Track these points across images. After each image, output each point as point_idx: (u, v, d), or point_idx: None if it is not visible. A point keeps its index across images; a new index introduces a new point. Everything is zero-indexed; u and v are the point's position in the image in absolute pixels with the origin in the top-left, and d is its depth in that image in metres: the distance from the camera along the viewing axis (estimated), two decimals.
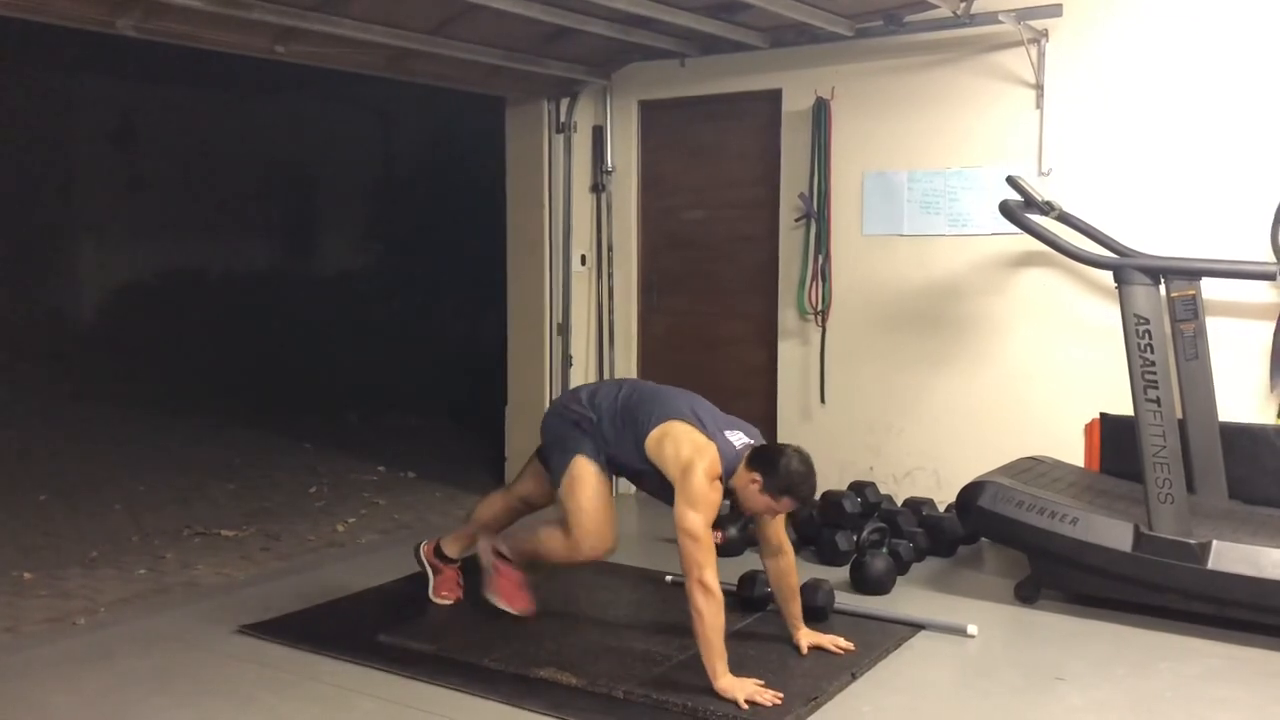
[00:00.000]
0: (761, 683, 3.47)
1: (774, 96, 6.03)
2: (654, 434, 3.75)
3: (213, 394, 10.13)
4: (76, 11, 4.50)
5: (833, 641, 3.90)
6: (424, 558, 4.44)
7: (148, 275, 11.68)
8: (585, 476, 3.89)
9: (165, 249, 11.73)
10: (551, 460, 4.06)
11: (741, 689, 3.41)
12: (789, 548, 3.92)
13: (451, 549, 4.42)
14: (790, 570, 3.91)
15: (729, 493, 3.73)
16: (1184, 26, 4.97)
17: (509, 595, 4.16)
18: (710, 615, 3.44)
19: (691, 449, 3.65)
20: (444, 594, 4.37)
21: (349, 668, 3.79)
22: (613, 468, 3.98)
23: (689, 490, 3.56)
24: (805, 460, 3.61)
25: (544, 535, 4.05)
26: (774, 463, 3.59)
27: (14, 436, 8.19)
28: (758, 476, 3.58)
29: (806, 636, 3.91)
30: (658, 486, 3.80)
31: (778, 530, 3.88)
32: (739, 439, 3.75)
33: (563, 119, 6.50)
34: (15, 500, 6.35)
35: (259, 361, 11.28)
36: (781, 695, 3.42)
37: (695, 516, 3.52)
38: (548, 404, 6.50)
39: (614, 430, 3.89)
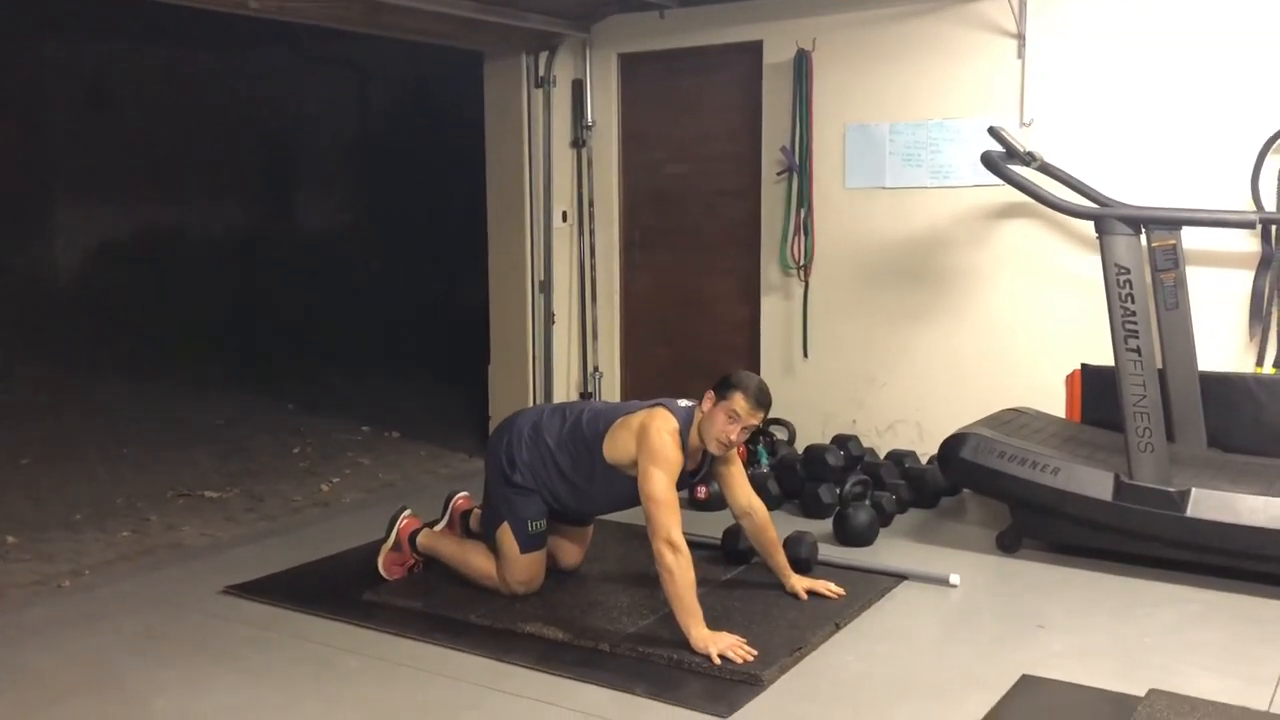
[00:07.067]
0: (740, 639, 3.47)
1: (755, 48, 5.98)
2: (606, 437, 3.79)
3: (193, 355, 10.07)
4: None
5: (825, 586, 3.97)
6: (398, 529, 4.26)
7: (124, 237, 11.55)
8: (513, 543, 3.93)
9: (142, 210, 11.59)
10: (485, 509, 4.10)
11: (716, 644, 3.42)
12: (759, 503, 3.98)
13: (423, 540, 4.27)
14: (766, 525, 3.97)
15: (702, 456, 3.80)
16: None
17: (390, 567, 4.22)
18: (680, 571, 3.46)
19: (643, 416, 3.73)
20: (391, 569, 4.22)
21: (335, 626, 3.80)
22: (578, 501, 3.97)
23: (648, 447, 3.62)
24: (750, 371, 3.90)
25: (473, 559, 4.07)
26: (722, 379, 3.72)
27: None
28: (711, 395, 3.69)
29: (800, 582, 3.97)
30: (628, 490, 3.75)
31: (743, 489, 3.95)
32: (685, 401, 3.83)
33: (541, 73, 6.42)
34: None
35: (239, 322, 11.22)
36: (755, 653, 3.42)
37: (659, 476, 3.56)
38: (530, 361, 6.54)
39: (570, 457, 3.88)
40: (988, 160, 4.62)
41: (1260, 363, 4.87)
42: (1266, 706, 3.13)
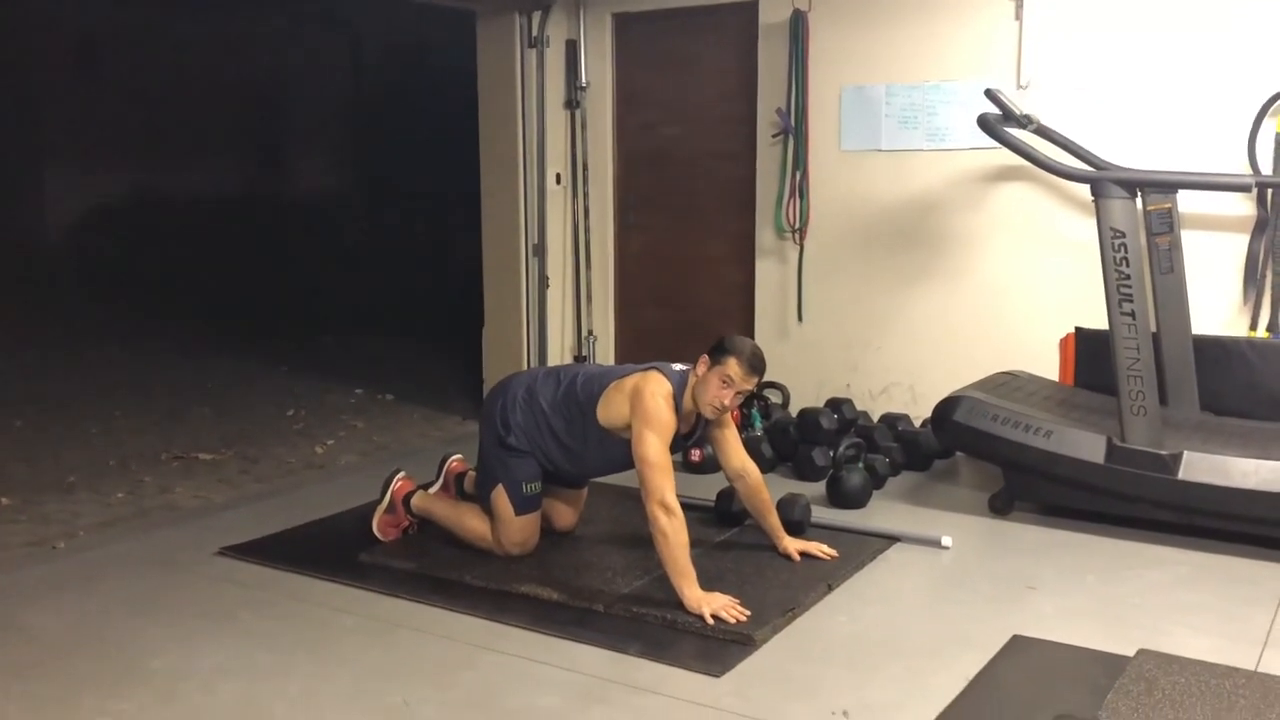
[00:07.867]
0: (733, 600, 3.49)
1: (750, 8, 5.92)
2: (600, 401, 3.79)
3: (186, 318, 10.04)
4: None
5: (818, 548, 3.99)
6: (392, 491, 4.26)
7: (116, 199, 11.49)
8: (508, 505, 3.93)
9: (133, 172, 11.53)
10: (480, 472, 4.09)
11: (709, 604, 3.44)
12: (752, 466, 3.98)
13: (418, 502, 4.28)
14: (759, 487, 3.98)
15: (695, 420, 3.80)
16: None
17: (385, 529, 4.22)
18: (674, 533, 3.48)
19: (637, 379, 3.73)
20: (386, 531, 4.22)
21: (330, 587, 3.81)
22: (572, 464, 3.98)
23: (642, 410, 3.62)
24: (744, 336, 3.86)
25: (468, 520, 4.08)
26: (716, 344, 3.71)
27: None
28: (705, 359, 3.69)
29: (793, 544, 3.99)
30: (622, 453, 3.77)
31: (736, 453, 3.95)
32: (679, 365, 3.83)
33: (535, 33, 6.36)
34: None
35: (232, 284, 11.18)
36: (749, 613, 3.45)
37: (652, 439, 3.57)
38: (524, 325, 6.52)
39: (564, 420, 3.89)
40: (984, 123, 4.60)
41: (1254, 326, 4.88)
42: (1254, 666, 3.15)
